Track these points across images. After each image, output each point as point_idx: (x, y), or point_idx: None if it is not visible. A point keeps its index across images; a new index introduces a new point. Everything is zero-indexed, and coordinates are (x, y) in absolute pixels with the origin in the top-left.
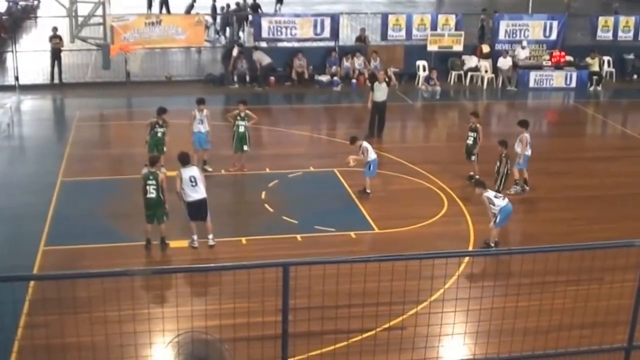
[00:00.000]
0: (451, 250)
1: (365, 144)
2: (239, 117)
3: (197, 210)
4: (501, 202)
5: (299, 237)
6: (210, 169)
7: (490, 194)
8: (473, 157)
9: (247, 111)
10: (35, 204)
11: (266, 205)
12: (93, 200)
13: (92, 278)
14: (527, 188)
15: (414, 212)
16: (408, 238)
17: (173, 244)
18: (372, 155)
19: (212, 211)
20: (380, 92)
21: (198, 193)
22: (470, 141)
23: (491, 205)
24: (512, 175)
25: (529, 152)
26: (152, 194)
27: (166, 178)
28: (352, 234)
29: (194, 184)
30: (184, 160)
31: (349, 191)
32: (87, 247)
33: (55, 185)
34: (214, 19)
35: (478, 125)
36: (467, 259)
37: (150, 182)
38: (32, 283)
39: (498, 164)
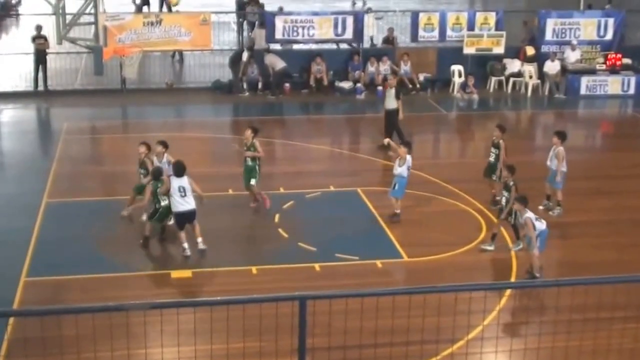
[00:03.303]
0: (491, 281)
1: (409, 157)
2: (245, 146)
3: (186, 220)
4: (541, 225)
5: (317, 266)
6: None
7: (531, 215)
8: (494, 177)
9: (255, 141)
10: (16, 229)
11: (280, 230)
12: (82, 224)
13: (81, 313)
14: (554, 206)
15: (449, 238)
16: (442, 267)
17: (174, 274)
18: (405, 171)
19: (217, 237)
20: (390, 99)
21: (188, 204)
22: (492, 159)
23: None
24: (555, 197)
25: (564, 169)
26: (165, 201)
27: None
28: (378, 262)
29: (183, 194)
30: (179, 171)
31: (375, 214)
32: (76, 277)
33: (39, 207)
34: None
35: (501, 141)
36: (508, 291)
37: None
38: (11, 320)
39: (505, 193)
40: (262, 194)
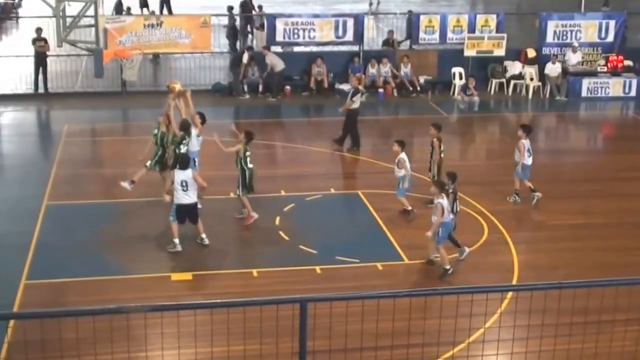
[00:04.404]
0: (492, 284)
1: (404, 155)
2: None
3: (187, 213)
4: (447, 216)
5: (318, 269)
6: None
7: (444, 202)
8: (430, 173)
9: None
10: (16, 232)
11: (281, 233)
12: (83, 227)
13: (81, 316)
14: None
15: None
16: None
17: (175, 276)
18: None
19: (218, 239)
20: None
21: (190, 198)
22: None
23: (442, 216)
24: (521, 186)
25: (529, 162)
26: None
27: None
28: (378, 265)
29: (185, 188)
30: (184, 164)
31: (376, 216)
32: (76, 280)
33: (39, 210)
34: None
35: (435, 139)
36: (510, 294)
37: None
38: (11, 322)
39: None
40: (249, 209)
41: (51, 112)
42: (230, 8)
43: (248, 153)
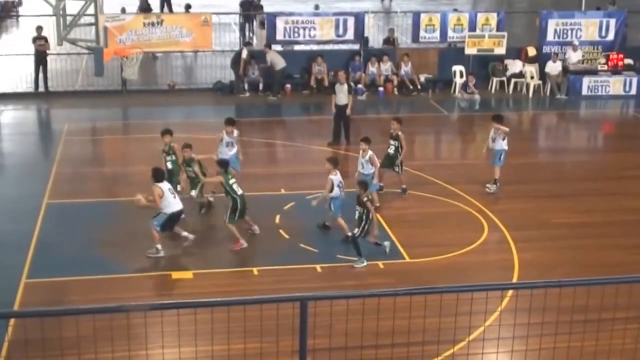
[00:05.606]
0: (492, 282)
1: (371, 152)
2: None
3: (176, 220)
4: (337, 191)
5: (318, 267)
6: None
7: (335, 178)
8: (396, 168)
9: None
10: (16, 231)
11: (281, 231)
12: (83, 225)
13: (81, 315)
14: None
15: (450, 239)
16: (443, 268)
17: (175, 275)
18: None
19: (218, 238)
20: (341, 95)
21: (179, 204)
22: (391, 150)
23: (332, 192)
24: (494, 174)
25: (506, 147)
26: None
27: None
28: (379, 263)
29: (174, 195)
30: (158, 176)
31: (377, 215)
32: (76, 279)
33: (40, 209)
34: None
35: (400, 133)
36: (510, 292)
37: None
38: (12, 321)
39: (359, 209)
40: (238, 237)
41: (51, 111)
42: (188, 6)
43: (232, 181)
